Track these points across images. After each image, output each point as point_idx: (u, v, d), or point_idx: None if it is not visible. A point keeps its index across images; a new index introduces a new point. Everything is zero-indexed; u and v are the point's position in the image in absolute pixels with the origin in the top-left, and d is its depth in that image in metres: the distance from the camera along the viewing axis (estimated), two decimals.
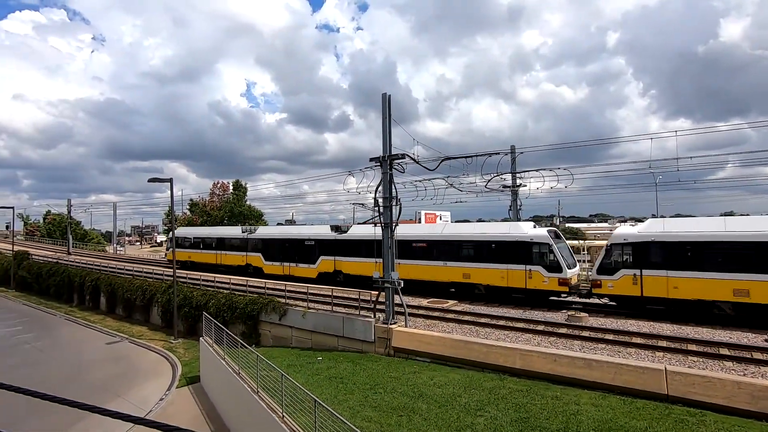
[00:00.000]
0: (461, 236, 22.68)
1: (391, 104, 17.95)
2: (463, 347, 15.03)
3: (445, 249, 22.83)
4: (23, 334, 27.08)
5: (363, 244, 25.63)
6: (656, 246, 17.49)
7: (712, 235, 16.46)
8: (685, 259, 16.76)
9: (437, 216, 57.96)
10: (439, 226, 27.05)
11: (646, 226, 18.87)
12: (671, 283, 16.93)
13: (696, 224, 17.87)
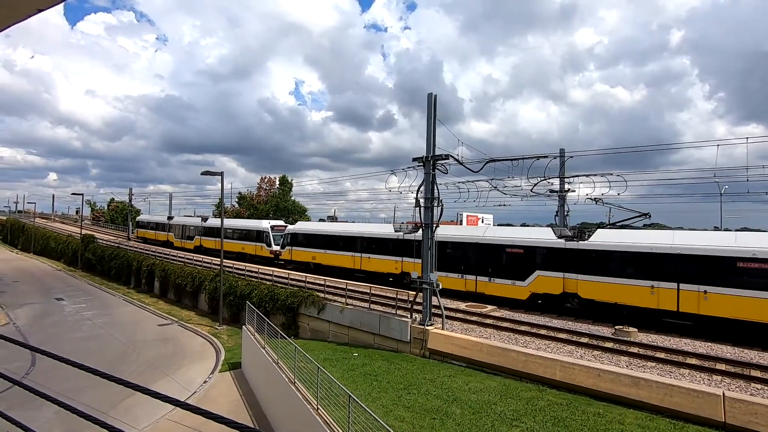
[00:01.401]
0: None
1: (436, 104, 17.82)
2: (500, 354, 14.68)
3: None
4: (87, 311, 29.43)
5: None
6: (298, 234, 33.16)
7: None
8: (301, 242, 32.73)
9: (479, 219, 56.89)
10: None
11: (295, 227, 35.13)
12: (307, 255, 31.89)
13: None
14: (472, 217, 55.92)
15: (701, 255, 16.20)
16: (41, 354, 1.35)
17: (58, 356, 1.29)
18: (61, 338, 23.27)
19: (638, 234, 19.76)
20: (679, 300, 16.50)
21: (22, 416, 1.44)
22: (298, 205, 66.60)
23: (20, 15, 1.89)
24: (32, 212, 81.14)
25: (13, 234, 77.21)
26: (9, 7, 1.82)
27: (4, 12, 1.87)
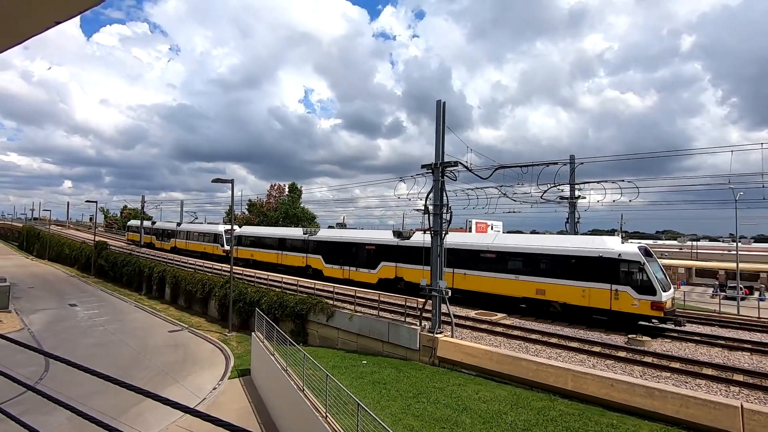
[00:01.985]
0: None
1: (445, 111, 17.85)
2: (510, 363, 14.50)
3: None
4: (99, 317, 29.77)
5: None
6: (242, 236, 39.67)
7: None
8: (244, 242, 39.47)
9: (488, 225, 56.53)
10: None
11: (239, 231, 40.83)
12: (247, 253, 38.86)
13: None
14: (482, 224, 55.55)
15: (462, 249, 23.03)
16: (54, 359, 1.37)
17: (70, 362, 1.31)
18: (74, 344, 23.55)
19: (453, 237, 23.81)
20: (453, 280, 22.80)
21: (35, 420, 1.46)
22: (308, 212, 66.93)
23: (38, 28, 1.94)
24: (47, 219, 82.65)
25: (29, 241, 78.70)
26: (27, 20, 1.87)
27: (22, 25, 1.92)
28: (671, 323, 17.66)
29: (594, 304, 18.69)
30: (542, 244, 21.22)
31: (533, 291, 20.46)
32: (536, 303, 20.63)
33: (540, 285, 20.20)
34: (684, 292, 34.35)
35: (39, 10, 1.81)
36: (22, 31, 2.00)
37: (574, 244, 19.99)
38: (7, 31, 2.01)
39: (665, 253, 74.44)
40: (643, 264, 17.53)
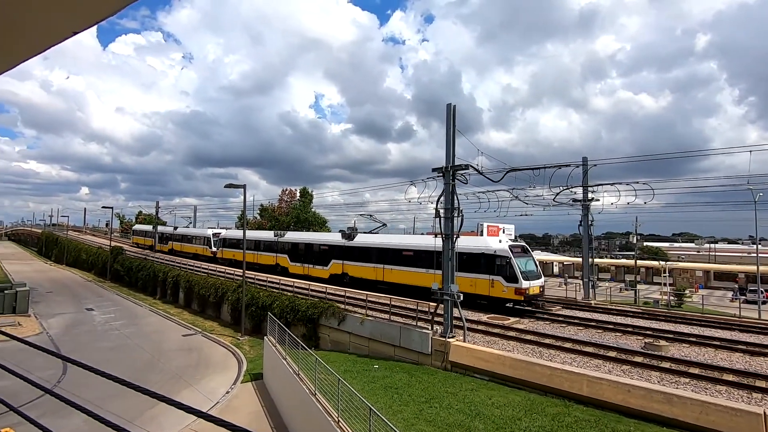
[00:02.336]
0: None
1: (455, 114, 17.81)
2: (524, 368, 14.32)
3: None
4: (115, 321, 30.25)
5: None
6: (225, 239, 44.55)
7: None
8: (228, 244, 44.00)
9: (500, 229, 56.13)
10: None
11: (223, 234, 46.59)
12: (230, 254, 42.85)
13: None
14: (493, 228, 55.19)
15: (388, 248, 27.98)
16: (71, 363, 1.40)
17: (87, 366, 1.33)
18: (90, 347, 23.95)
19: (376, 237, 30.41)
20: (384, 274, 27.63)
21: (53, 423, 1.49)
22: (319, 216, 67.17)
23: (56, 38, 1.99)
24: (65, 225, 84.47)
25: (47, 246, 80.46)
26: (46, 31, 1.92)
27: (41, 36, 1.97)
28: (535, 306, 23.12)
29: (479, 292, 22.66)
30: (462, 244, 23.00)
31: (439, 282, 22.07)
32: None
33: (471, 285, 22.92)
34: (702, 296, 33.57)
35: (57, 20, 1.86)
36: (42, 42, 2.05)
37: (465, 244, 22.58)
38: (28, 42, 2.07)
39: (682, 256, 72.94)
40: (510, 259, 21.62)
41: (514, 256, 21.89)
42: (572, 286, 35.58)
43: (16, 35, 1.99)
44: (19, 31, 1.94)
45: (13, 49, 2.18)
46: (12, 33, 1.97)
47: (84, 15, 1.81)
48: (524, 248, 23.70)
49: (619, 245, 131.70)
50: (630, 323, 20.21)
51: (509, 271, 21.53)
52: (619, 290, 44.68)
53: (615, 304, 26.96)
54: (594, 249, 28.86)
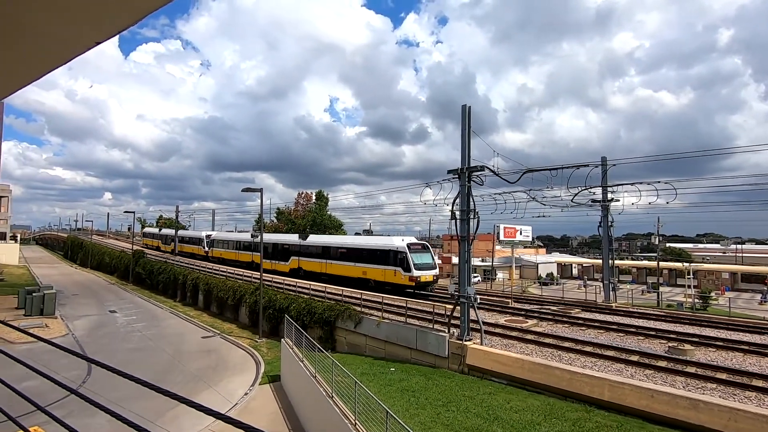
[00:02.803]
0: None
1: (470, 116, 17.71)
2: (543, 371, 14.09)
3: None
4: (137, 323, 30.93)
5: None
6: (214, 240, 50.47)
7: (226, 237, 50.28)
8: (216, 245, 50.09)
9: (517, 230, 55.41)
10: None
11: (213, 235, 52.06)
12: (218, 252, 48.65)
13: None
14: (510, 229, 54.50)
15: (329, 246, 33.92)
16: (95, 364, 1.43)
17: (110, 367, 1.36)
18: (113, 348, 24.53)
19: (322, 237, 38.12)
20: (326, 267, 33.01)
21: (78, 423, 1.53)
22: (335, 219, 67.51)
23: (80, 49, 2.06)
24: (89, 230, 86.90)
25: (73, 250, 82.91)
26: (70, 41, 1.99)
27: (66, 46, 2.04)
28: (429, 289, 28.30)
29: (387, 280, 28.24)
30: (365, 243, 32.10)
31: (361, 273, 30.12)
32: (363, 281, 29.49)
33: (363, 269, 30.02)
34: (729, 299, 32.49)
35: (81, 32, 1.92)
36: (67, 53, 2.12)
37: (377, 242, 30.93)
38: (54, 53, 2.14)
39: (706, 257, 70.75)
40: (406, 254, 27.30)
41: (411, 252, 27.59)
42: (592, 289, 34.90)
43: (43, 46, 2.06)
44: (46, 42, 2.01)
45: (40, 60, 2.26)
46: (39, 44, 2.05)
47: (106, 26, 1.86)
48: (424, 246, 30.03)
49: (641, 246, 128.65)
50: (653, 326, 19.70)
51: (406, 263, 27.23)
52: (641, 293, 43.62)
53: (637, 307, 26.33)
54: (614, 250, 28.25)
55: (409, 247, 27.90)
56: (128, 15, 1.77)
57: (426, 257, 28.55)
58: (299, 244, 36.99)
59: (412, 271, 26.74)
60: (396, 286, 27.67)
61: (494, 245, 60.06)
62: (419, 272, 26.88)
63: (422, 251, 28.79)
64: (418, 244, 29.44)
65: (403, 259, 27.40)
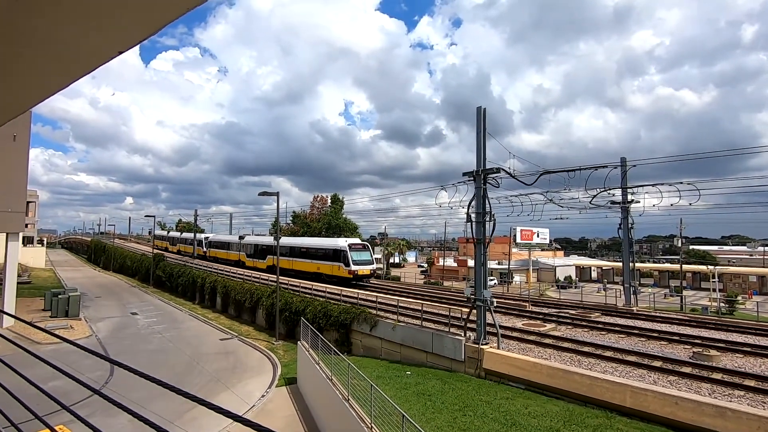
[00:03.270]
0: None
1: (485, 117, 17.58)
2: (562, 376, 13.83)
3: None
4: (157, 325, 31.56)
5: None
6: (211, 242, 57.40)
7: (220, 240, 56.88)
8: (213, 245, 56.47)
9: (534, 233, 54.74)
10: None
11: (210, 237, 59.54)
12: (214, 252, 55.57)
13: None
14: (527, 232, 53.95)
15: (293, 246, 39.86)
16: (117, 365, 1.47)
17: (131, 368, 1.39)
18: (135, 350, 25.07)
19: (290, 239, 44.17)
20: (293, 264, 38.24)
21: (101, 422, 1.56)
22: (350, 222, 67.76)
23: (104, 58, 2.13)
24: (112, 234, 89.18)
25: (96, 253, 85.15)
26: (94, 51, 2.05)
27: (90, 56, 2.11)
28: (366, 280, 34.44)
29: (333, 273, 33.68)
30: (319, 244, 38.32)
31: (316, 268, 35.91)
32: (318, 275, 35.02)
33: (318, 264, 35.84)
34: (757, 303, 31.38)
35: (104, 42, 1.98)
36: (90, 62, 2.19)
37: (328, 243, 36.91)
38: (79, 62, 2.21)
39: (732, 259, 68.51)
40: (347, 252, 33.08)
41: (351, 251, 33.43)
42: (612, 292, 34.15)
43: (68, 57, 2.14)
44: (71, 52, 2.08)
45: (66, 70, 2.33)
46: (64, 55, 2.12)
47: (128, 36, 1.92)
48: (364, 246, 36.22)
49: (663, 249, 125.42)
50: (676, 331, 19.18)
51: (346, 260, 32.91)
52: (664, 296, 42.51)
53: (659, 311, 25.65)
54: (635, 253, 27.60)
55: (350, 247, 33.77)
56: (148, 25, 1.82)
57: (364, 255, 34.44)
58: (273, 245, 41.50)
59: (351, 266, 32.81)
60: (340, 278, 32.92)
61: (511, 248, 59.51)
62: (357, 267, 33.02)
63: (362, 250, 34.84)
64: (358, 244, 35.78)
65: (344, 256, 33.15)
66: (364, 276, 33.66)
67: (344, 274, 32.84)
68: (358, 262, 33.16)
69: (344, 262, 32.99)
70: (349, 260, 32.78)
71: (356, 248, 34.48)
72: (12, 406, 1.93)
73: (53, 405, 1.60)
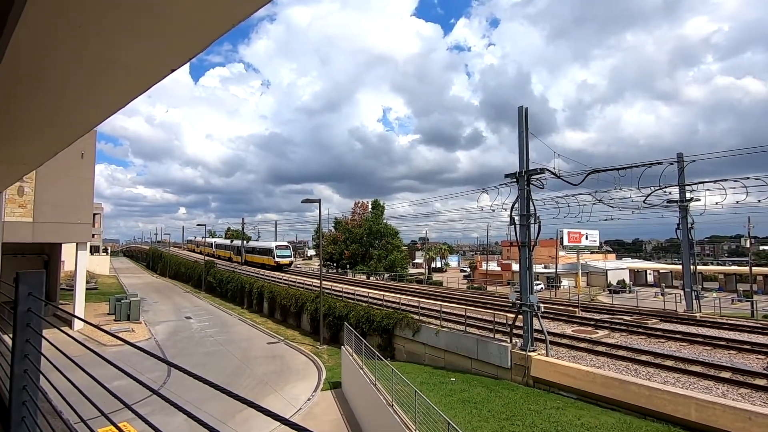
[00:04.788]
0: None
1: (528, 117, 17.11)
2: (617, 386, 13.07)
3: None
4: (209, 329, 33.05)
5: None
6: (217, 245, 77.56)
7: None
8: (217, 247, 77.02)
9: (582, 235, 52.28)
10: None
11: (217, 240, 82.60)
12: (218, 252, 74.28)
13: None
14: (574, 234, 51.62)
15: (254, 246, 61.07)
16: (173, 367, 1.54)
17: (185, 370, 1.46)
18: (189, 352, 26.37)
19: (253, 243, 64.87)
20: (253, 259, 58.92)
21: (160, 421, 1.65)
22: (390, 227, 67.97)
23: (159, 76, 2.27)
24: (167, 242, 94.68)
25: (153, 261, 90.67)
26: (149, 70, 2.20)
27: (146, 75, 2.26)
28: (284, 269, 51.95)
29: (265, 263, 52.84)
30: (261, 245, 57.67)
31: (260, 260, 54.33)
32: (263, 265, 53.07)
33: (260, 258, 54.29)
34: None
35: (158, 60, 2.11)
36: (148, 80, 2.35)
37: (265, 245, 56.52)
38: (137, 81, 2.38)
39: None
40: (274, 250, 52.74)
41: (277, 249, 52.97)
42: (671, 297, 31.97)
43: (128, 76, 2.30)
44: (131, 72, 2.24)
45: (127, 89, 2.51)
46: (125, 74, 2.28)
47: (179, 53, 2.04)
48: (286, 246, 56.01)
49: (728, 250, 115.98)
50: (747, 340, 17.63)
51: (272, 254, 52.30)
52: (731, 302, 39.24)
53: (726, 318, 23.69)
54: (696, 255, 25.73)
55: (276, 247, 53.87)
56: (197, 42, 1.93)
57: (285, 252, 54.45)
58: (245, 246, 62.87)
59: (276, 258, 52.39)
60: (270, 266, 52.17)
61: (557, 251, 57.21)
62: (279, 258, 52.60)
63: (284, 249, 54.87)
64: (282, 245, 55.60)
65: (272, 252, 53.15)
66: (285, 264, 53.15)
67: (272, 263, 52.38)
68: (281, 256, 53.04)
69: (272, 255, 53.00)
70: (274, 255, 52.86)
71: (280, 248, 54.31)
72: (82, 404, 2.08)
73: (117, 403, 1.70)
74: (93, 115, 2.99)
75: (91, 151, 30.01)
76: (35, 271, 2.44)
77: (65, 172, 27.16)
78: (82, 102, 2.74)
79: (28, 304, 2.37)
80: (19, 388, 2.38)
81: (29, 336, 2.39)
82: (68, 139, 3.64)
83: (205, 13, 1.68)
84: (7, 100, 2.59)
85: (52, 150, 3.98)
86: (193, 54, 2.02)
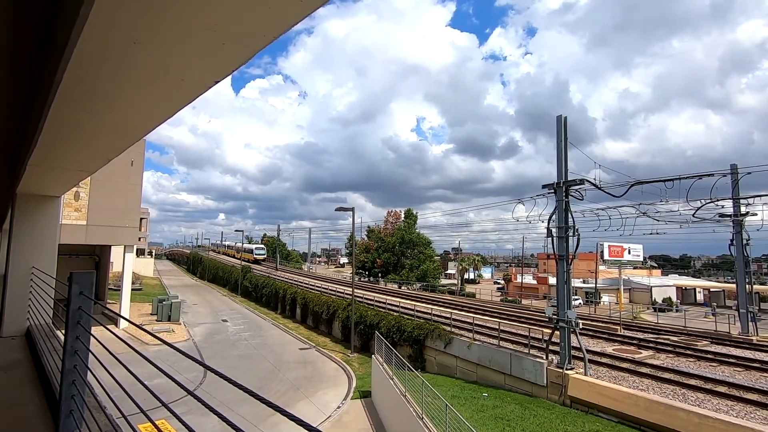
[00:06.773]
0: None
1: (566, 126, 16.64)
2: (663, 412, 12.29)
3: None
4: (244, 333, 33.88)
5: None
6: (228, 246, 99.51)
7: None
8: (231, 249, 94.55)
9: (624, 249, 49.91)
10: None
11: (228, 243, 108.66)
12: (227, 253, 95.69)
13: None
14: (616, 248, 49.34)
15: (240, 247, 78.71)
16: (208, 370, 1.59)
17: (219, 373, 1.49)
18: (224, 354, 27.11)
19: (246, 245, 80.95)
20: (242, 256, 72.99)
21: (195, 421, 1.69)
22: (423, 237, 67.63)
23: (203, 88, 2.38)
24: (207, 247, 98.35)
25: (194, 264, 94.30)
26: (195, 82, 2.31)
27: (192, 86, 2.38)
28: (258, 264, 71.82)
29: (247, 258, 69.73)
30: (246, 247, 78.01)
31: (242, 256, 68.52)
32: (245, 260, 66.23)
33: (245, 255, 70.69)
34: None
35: (203, 72, 2.22)
36: (193, 92, 2.46)
37: (248, 246, 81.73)
38: (183, 92, 2.50)
39: None
40: (254, 251, 77.42)
41: (255, 250, 77.88)
42: (723, 318, 29.85)
43: (175, 88, 2.42)
44: (177, 83, 2.36)
45: (174, 100, 2.65)
46: (172, 86, 2.41)
47: (223, 65, 2.14)
48: (262, 247, 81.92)
49: None
50: None
51: (252, 252, 75.24)
52: None
53: None
54: (753, 273, 23.97)
55: (256, 247, 77.76)
56: (240, 55, 2.01)
57: (261, 251, 77.61)
58: (247, 248, 77.73)
59: (255, 257, 73.09)
60: (250, 261, 67.74)
61: (597, 265, 54.84)
62: (257, 255, 74.02)
63: (261, 249, 78.08)
64: (260, 246, 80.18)
65: (252, 251, 74.69)
66: (261, 259, 74.75)
67: (252, 258, 71.65)
68: (258, 253, 76.20)
69: (252, 253, 74.60)
70: (253, 252, 74.90)
71: (258, 247, 79.18)
72: (123, 400, 2.18)
73: (155, 401, 1.76)
74: (142, 124, 3.17)
75: (140, 159, 31.78)
76: (86, 272, 2.58)
77: (116, 179, 28.87)
78: (133, 112, 2.91)
79: (79, 303, 2.51)
80: (69, 383, 2.52)
81: (79, 333, 2.53)
82: (120, 147, 3.86)
83: (247, 27, 1.75)
84: (68, 111, 2.79)
85: (105, 157, 4.24)
86: (235, 67, 2.11)
